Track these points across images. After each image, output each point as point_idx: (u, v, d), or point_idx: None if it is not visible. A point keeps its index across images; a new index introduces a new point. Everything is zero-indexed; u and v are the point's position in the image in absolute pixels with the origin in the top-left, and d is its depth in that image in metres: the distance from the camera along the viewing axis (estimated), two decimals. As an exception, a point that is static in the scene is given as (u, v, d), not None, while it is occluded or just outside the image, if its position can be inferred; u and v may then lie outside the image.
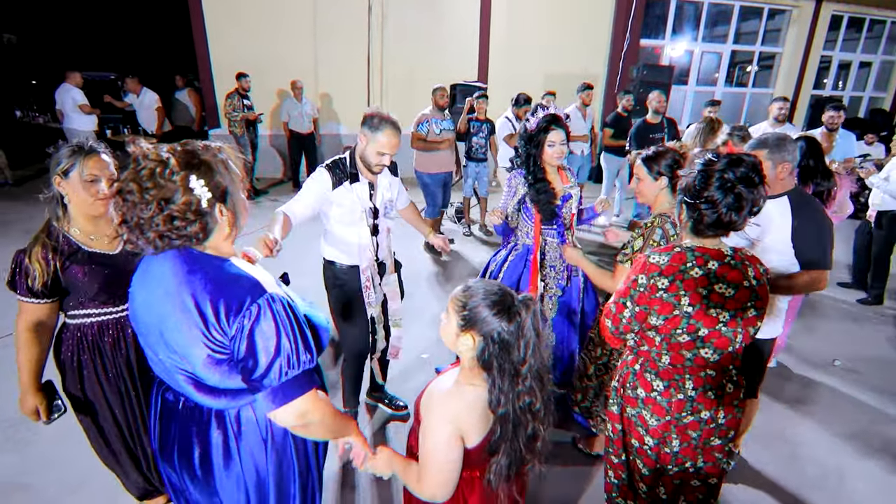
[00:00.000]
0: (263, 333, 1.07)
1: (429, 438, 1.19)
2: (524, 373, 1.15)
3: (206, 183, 1.08)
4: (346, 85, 8.03)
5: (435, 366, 3.26)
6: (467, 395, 1.20)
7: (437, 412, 1.20)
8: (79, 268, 1.65)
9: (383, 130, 2.14)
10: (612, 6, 8.74)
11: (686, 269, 1.44)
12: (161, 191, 1.04)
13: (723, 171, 1.40)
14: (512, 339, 1.14)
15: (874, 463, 2.63)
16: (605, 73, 9.16)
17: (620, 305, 1.56)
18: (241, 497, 1.28)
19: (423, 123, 4.97)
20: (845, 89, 11.26)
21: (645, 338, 1.57)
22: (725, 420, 1.55)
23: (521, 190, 2.63)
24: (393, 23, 7.93)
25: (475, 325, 1.16)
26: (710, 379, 1.53)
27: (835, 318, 4.25)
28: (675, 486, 1.64)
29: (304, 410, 1.15)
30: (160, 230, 1.06)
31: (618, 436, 1.73)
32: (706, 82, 10.30)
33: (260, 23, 7.61)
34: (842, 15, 10.23)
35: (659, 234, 1.93)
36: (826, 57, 10.61)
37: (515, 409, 1.17)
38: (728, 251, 1.49)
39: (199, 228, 1.10)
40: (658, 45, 9.68)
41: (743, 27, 10.19)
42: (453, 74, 7.59)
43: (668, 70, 8.18)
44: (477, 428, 1.20)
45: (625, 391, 1.66)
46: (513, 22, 8.41)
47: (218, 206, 1.12)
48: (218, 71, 7.75)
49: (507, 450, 1.19)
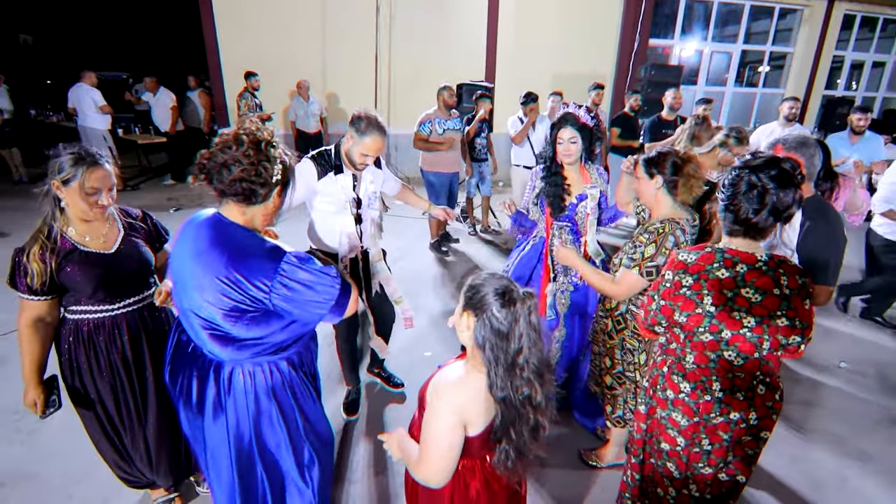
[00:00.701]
0: (303, 283, 1.34)
1: (432, 425, 1.23)
2: (521, 363, 1.18)
3: (282, 170, 1.41)
4: (354, 84, 8.07)
5: (437, 363, 3.26)
6: (472, 384, 1.23)
7: (442, 400, 1.23)
8: (74, 267, 1.66)
9: (370, 135, 2.24)
10: (621, 5, 8.71)
11: (712, 269, 1.47)
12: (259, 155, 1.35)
13: (752, 171, 1.41)
14: (504, 327, 1.16)
15: (880, 466, 2.60)
16: (614, 72, 9.12)
17: (650, 298, 1.62)
18: (223, 446, 1.54)
19: (425, 124, 4.98)
20: (858, 89, 11.11)
21: (672, 334, 1.61)
22: (758, 421, 1.54)
23: (539, 184, 2.70)
24: (400, 23, 7.97)
25: (473, 306, 1.20)
26: (739, 381, 1.51)
27: (840, 319, 4.21)
28: (706, 484, 1.64)
29: (355, 298, 1.46)
30: (238, 177, 1.33)
31: (640, 436, 1.74)
32: (716, 82, 10.22)
33: (269, 23, 7.68)
34: (854, 14, 10.10)
35: (671, 242, 1.86)
36: (838, 57, 10.48)
37: (514, 400, 1.20)
38: (762, 256, 1.47)
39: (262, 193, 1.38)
40: (667, 44, 9.62)
41: (754, 27, 10.10)
42: (460, 74, 7.60)
43: (677, 70, 8.12)
44: (481, 415, 1.24)
45: (654, 392, 1.68)
46: (520, 22, 8.41)
47: (279, 189, 1.42)
48: (228, 71, 7.83)
49: (514, 434, 1.22)
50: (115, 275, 1.74)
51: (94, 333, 1.77)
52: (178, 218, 6.08)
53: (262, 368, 1.51)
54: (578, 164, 2.63)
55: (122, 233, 1.81)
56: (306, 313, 1.40)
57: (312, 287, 1.36)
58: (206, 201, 6.93)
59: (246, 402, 1.51)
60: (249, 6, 7.60)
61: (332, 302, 1.39)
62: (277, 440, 1.59)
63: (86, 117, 6.74)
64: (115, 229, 1.81)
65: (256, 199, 1.38)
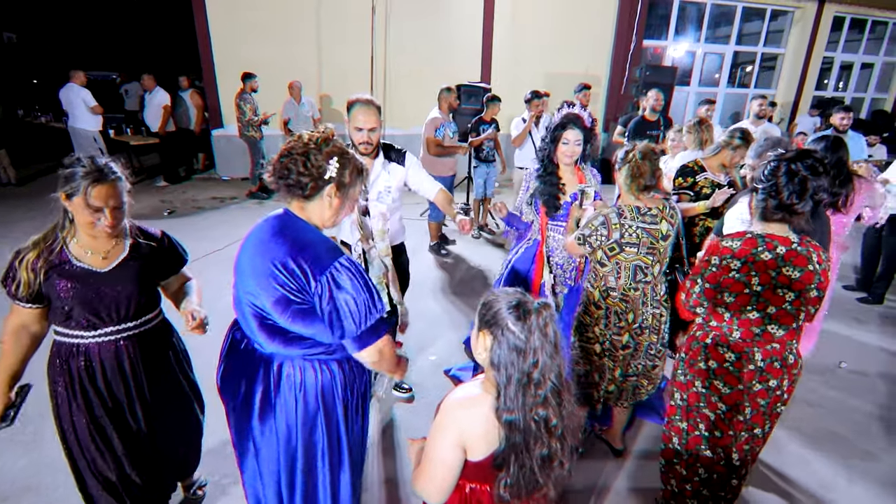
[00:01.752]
0: (345, 290, 1.32)
1: (432, 441, 1.20)
2: (536, 379, 1.10)
3: (338, 168, 1.39)
4: (349, 86, 7.97)
5: (444, 367, 3.25)
6: (479, 406, 1.17)
7: (445, 417, 1.19)
8: (60, 280, 1.56)
9: (356, 107, 2.31)
10: (616, 7, 8.74)
11: (757, 253, 1.66)
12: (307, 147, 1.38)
13: (790, 161, 1.61)
14: (520, 342, 1.10)
15: (885, 465, 2.63)
16: (608, 73, 9.16)
17: (692, 282, 1.81)
18: (271, 449, 1.52)
19: (439, 129, 4.97)
20: (847, 90, 11.26)
21: (714, 314, 1.80)
22: (787, 387, 1.79)
23: (533, 184, 2.70)
24: (396, 24, 7.93)
25: (488, 324, 1.15)
26: (776, 351, 1.74)
27: (838, 319, 4.25)
28: (744, 450, 1.87)
29: (381, 349, 1.43)
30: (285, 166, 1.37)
31: (684, 403, 1.94)
32: (709, 83, 10.30)
33: (264, 24, 7.60)
34: (844, 16, 10.24)
35: (600, 221, 2.16)
36: (828, 58, 10.62)
37: (528, 422, 1.12)
38: (794, 238, 1.68)
39: (310, 185, 1.37)
40: (661, 45, 9.68)
41: (745, 28, 10.20)
42: (457, 75, 7.58)
43: (671, 71, 8.19)
44: (484, 441, 1.17)
45: (694, 365, 1.87)
46: (516, 22, 8.41)
47: (331, 187, 1.39)
48: (222, 72, 7.74)
49: (517, 466, 1.13)
50: (100, 296, 1.61)
51: (71, 360, 1.65)
52: (173, 223, 6.00)
53: (311, 365, 1.48)
54: (573, 165, 2.65)
55: (125, 253, 1.69)
56: (332, 324, 1.35)
57: (350, 300, 1.33)
58: (200, 203, 6.85)
59: (294, 400, 1.48)
60: (244, 6, 7.52)
61: (360, 328, 1.36)
62: (319, 447, 1.54)
63: (76, 118, 6.63)
64: (121, 248, 1.69)
65: (304, 190, 1.38)
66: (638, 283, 2.23)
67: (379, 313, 1.39)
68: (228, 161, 8.16)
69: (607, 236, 2.16)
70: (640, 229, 2.14)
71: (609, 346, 2.32)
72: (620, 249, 2.18)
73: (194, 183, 7.97)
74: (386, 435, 2.69)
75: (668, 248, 2.24)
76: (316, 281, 1.31)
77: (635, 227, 2.14)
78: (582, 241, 2.22)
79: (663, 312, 2.32)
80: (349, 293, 1.33)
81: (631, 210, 2.16)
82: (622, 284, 2.24)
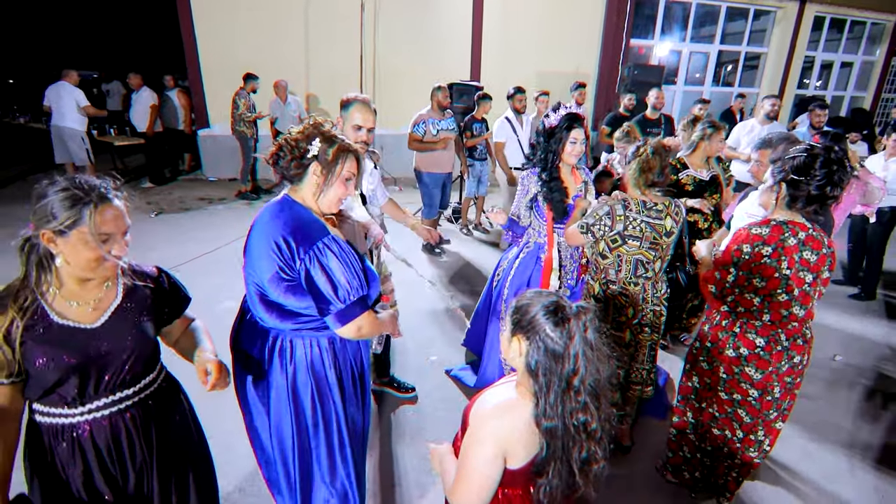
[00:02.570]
0: (326, 267, 1.41)
1: (470, 452, 1.14)
2: (576, 385, 1.07)
3: (320, 147, 1.47)
4: (338, 85, 7.91)
5: (445, 367, 3.22)
6: (517, 413, 1.14)
7: (483, 430, 1.14)
8: (40, 347, 1.19)
9: (354, 105, 2.30)
10: (604, 6, 8.79)
11: (785, 239, 1.77)
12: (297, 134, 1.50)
13: (824, 154, 1.71)
14: (559, 348, 1.07)
15: (885, 455, 2.67)
16: (597, 72, 9.21)
17: (724, 272, 1.89)
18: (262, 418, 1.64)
19: (419, 125, 4.94)
20: (827, 89, 11.49)
21: (741, 300, 1.89)
22: (805, 361, 1.92)
23: (533, 189, 2.65)
24: (385, 22, 7.87)
25: (523, 329, 1.12)
26: (796, 329, 1.88)
27: (830, 314, 4.32)
28: (771, 428, 2.02)
29: (360, 325, 1.49)
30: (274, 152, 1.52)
31: (702, 387, 2.08)
32: (694, 82, 10.43)
33: (250, 22, 7.48)
34: (824, 16, 10.44)
35: (604, 211, 2.18)
36: (809, 57, 10.82)
37: (567, 427, 1.09)
38: (809, 224, 1.81)
39: (293, 164, 1.48)
40: (647, 44, 9.76)
41: (729, 27, 10.34)
42: (447, 74, 7.55)
43: (659, 70, 8.26)
44: (524, 449, 1.14)
45: (721, 353, 1.97)
46: (505, 20, 8.41)
47: (314, 166, 1.48)
48: (208, 71, 7.60)
49: (556, 471, 1.11)
50: (90, 360, 1.24)
51: (54, 442, 1.28)
52: (160, 223, 5.88)
53: (302, 342, 1.57)
54: (571, 166, 2.65)
55: (118, 300, 1.33)
56: (316, 299, 1.44)
57: (331, 278, 1.41)
58: (188, 204, 6.72)
59: (285, 373, 1.56)
60: (230, 4, 7.39)
61: (340, 305, 1.43)
62: (311, 422, 1.62)
63: (63, 117, 6.41)
64: (113, 293, 1.33)
65: (290, 171, 1.49)
66: (638, 277, 2.23)
67: (360, 292, 1.46)
68: (215, 162, 8.02)
69: (610, 226, 2.17)
70: (645, 223, 2.15)
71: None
72: (623, 242, 2.18)
73: (180, 184, 7.82)
74: (390, 436, 2.66)
75: (670, 245, 2.24)
76: (300, 258, 1.40)
77: (640, 220, 2.14)
78: (585, 230, 2.22)
79: (663, 311, 2.32)
80: (330, 270, 1.41)
81: (637, 203, 2.16)
82: (622, 278, 2.24)
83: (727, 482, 2.18)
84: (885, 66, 11.44)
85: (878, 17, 10.85)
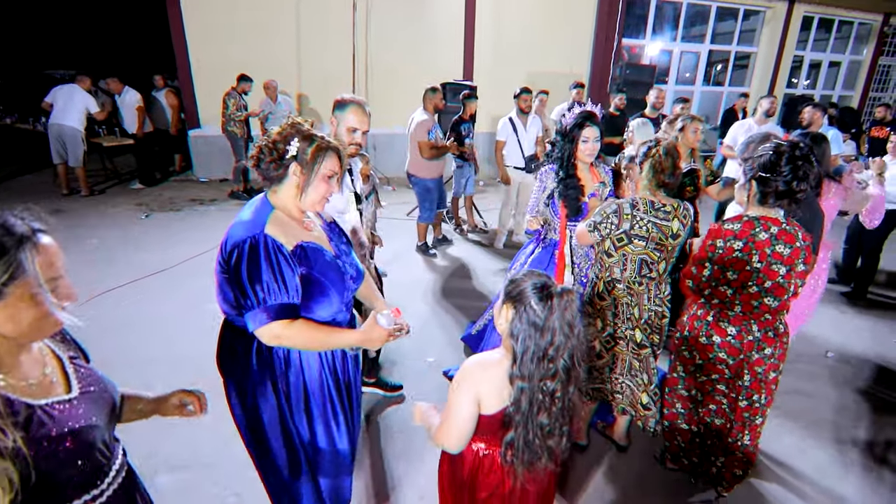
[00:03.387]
0: (251, 266, 1.36)
1: (453, 398, 1.33)
2: (551, 355, 1.23)
3: (298, 147, 1.46)
4: (330, 84, 7.87)
5: (442, 369, 3.21)
6: (495, 368, 1.32)
7: (465, 376, 1.34)
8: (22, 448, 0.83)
9: (350, 108, 2.27)
10: (595, 5, 8.81)
11: (756, 234, 1.86)
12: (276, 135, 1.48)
13: (790, 151, 1.79)
14: (539, 320, 1.21)
15: (878, 450, 2.70)
16: (589, 71, 9.23)
17: (700, 267, 2.00)
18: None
19: (431, 131, 4.92)
20: (816, 88, 11.62)
21: (716, 292, 1.98)
22: (779, 355, 2.02)
23: (550, 185, 2.68)
24: (378, 21, 7.84)
25: (512, 299, 1.28)
26: (769, 322, 1.96)
27: (823, 311, 4.35)
28: (744, 417, 2.08)
29: (277, 335, 1.41)
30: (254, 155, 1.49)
31: (687, 375, 2.19)
32: (685, 81, 10.49)
33: (242, 21, 7.41)
34: (813, 16, 10.54)
35: (612, 209, 2.19)
36: (798, 56, 10.93)
37: (536, 390, 1.25)
38: (783, 219, 1.89)
39: (276, 170, 1.47)
40: (639, 44, 9.81)
41: (719, 27, 10.42)
42: (440, 73, 7.54)
43: (651, 69, 8.30)
44: (496, 398, 1.31)
45: (697, 341, 2.07)
46: (498, 19, 8.40)
47: (294, 166, 1.46)
48: (198, 71, 7.52)
49: (521, 428, 1.27)
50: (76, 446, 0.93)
51: None
52: (151, 225, 5.81)
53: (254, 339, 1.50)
54: (590, 163, 2.66)
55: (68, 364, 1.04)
56: (237, 296, 1.40)
57: (252, 277, 1.36)
58: (178, 205, 6.65)
59: (241, 368, 1.54)
60: (221, 3, 7.32)
61: (258, 306, 1.38)
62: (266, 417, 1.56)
63: (67, 116, 6.40)
64: (55, 359, 1.03)
65: (270, 172, 1.48)
66: (643, 277, 2.23)
67: (282, 299, 1.40)
68: (206, 162, 7.94)
69: (617, 225, 2.16)
70: (651, 223, 2.14)
71: (612, 338, 2.32)
72: (629, 241, 2.18)
73: (171, 185, 7.74)
74: (378, 435, 2.65)
75: (676, 248, 2.23)
76: (227, 252, 1.39)
77: (647, 220, 2.14)
78: (592, 228, 2.23)
79: (665, 313, 2.32)
80: (253, 270, 1.37)
81: (645, 203, 2.16)
82: (627, 277, 2.24)
83: (721, 471, 2.21)
84: (872, 65, 11.59)
85: (866, 17, 10.98)
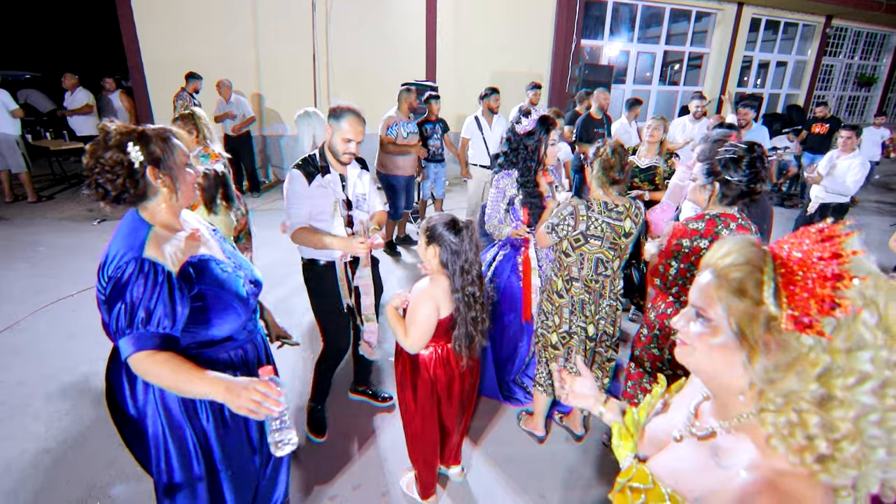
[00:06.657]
0: (117, 289, 1.26)
1: (416, 309, 1.83)
2: (467, 268, 1.78)
3: (140, 149, 1.30)
4: (291, 84, 7.77)
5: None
6: (442, 283, 1.82)
7: (424, 292, 1.85)
8: None
9: (346, 118, 2.24)
10: (554, 5, 8.96)
11: (719, 231, 1.93)
12: (102, 152, 1.28)
13: (749, 154, 1.90)
14: (456, 247, 1.76)
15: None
16: (549, 71, 9.38)
17: (667, 265, 2.05)
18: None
19: (391, 127, 4.92)
20: (765, 87, 12.14)
21: (684, 290, 2.01)
22: None
23: (510, 191, 2.67)
24: (338, 20, 7.76)
25: (434, 240, 1.78)
26: None
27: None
28: None
29: (145, 370, 1.29)
30: (103, 183, 1.29)
31: (656, 370, 2.21)
32: (642, 81, 10.80)
33: (196, 19, 7.20)
34: (760, 17, 11.02)
35: (568, 211, 2.26)
36: (748, 57, 11.41)
37: (465, 295, 1.80)
38: (738, 215, 1.99)
39: (134, 187, 1.31)
40: (597, 45, 10.03)
41: (673, 28, 10.76)
42: (402, 73, 7.53)
43: (609, 69, 8.50)
44: (445, 305, 1.84)
45: (668, 338, 2.11)
46: (459, 21, 8.45)
47: (151, 169, 1.32)
48: (151, 71, 7.26)
49: (461, 323, 1.83)
50: None
51: None
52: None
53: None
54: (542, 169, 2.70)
55: None
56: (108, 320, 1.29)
57: (121, 302, 1.26)
58: (133, 211, 6.42)
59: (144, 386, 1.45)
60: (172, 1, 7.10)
61: (123, 334, 1.27)
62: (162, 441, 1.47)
63: None
64: None
65: (132, 194, 1.32)
66: (599, 275, 2.31)
67: (153, 328, 1.28)
68: (163, 165, 7.69)
69: (573, 226, 2.24)
70: (606, 224, 2.22)
71: (567, 334, 2.38)
72: (585, 241, 2.25)
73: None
74: (368, 442, 2.64)
75: (628, 245, 2.32)
76: (100, 276, 1.30)
77: (601, 220, 2.22)
78: (550, 230, 2.30)
79: (618, 306, 2.42)
80: (124, 295, 1.26)
81: (599, 204, 2.24)
82: (584, 275, 2.31)
83: None
84: (816, 64, 12.19)
85: (809, 18, 11.54)
